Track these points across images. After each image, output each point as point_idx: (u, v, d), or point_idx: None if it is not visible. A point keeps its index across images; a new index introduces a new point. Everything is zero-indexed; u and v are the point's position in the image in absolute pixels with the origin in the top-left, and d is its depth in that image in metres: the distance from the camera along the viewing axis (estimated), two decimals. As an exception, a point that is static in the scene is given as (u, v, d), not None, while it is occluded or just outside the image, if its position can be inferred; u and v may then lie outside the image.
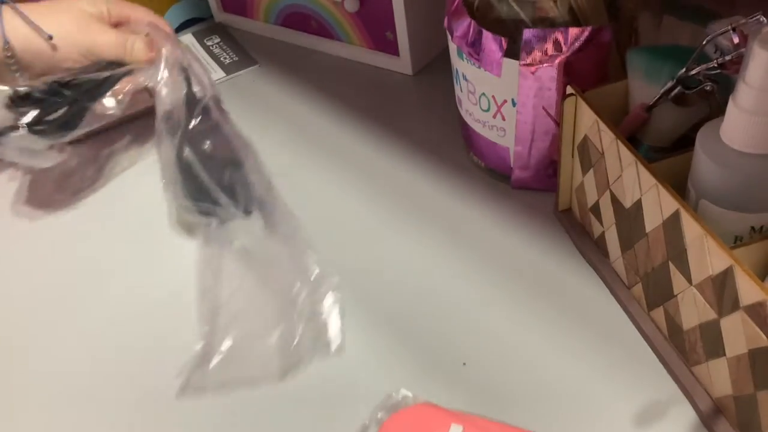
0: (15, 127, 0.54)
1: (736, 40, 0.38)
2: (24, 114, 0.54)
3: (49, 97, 0.55)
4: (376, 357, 0.45)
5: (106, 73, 0.56)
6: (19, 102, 0.54)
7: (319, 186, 0.58)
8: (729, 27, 0.37)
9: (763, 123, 0.34)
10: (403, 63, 0.68)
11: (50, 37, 0.54)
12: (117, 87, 0.57)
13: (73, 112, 0.56)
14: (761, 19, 0.36)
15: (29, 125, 0.53)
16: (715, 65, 0.40)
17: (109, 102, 0.57)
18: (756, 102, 0.33)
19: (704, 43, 0.39)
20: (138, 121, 0.65)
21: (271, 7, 0.74)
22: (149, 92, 0.55)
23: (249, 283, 0.48)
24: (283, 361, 0.45)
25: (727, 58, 0.39)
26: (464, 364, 0.44)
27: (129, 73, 0.57)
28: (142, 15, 0.61)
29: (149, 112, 0.55)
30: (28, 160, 0.56)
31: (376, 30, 0.67)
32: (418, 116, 0.63)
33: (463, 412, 0.41)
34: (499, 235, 0.52)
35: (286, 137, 0.63)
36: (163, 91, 0.53)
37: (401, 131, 0.61)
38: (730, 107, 0.35)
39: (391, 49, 0.67)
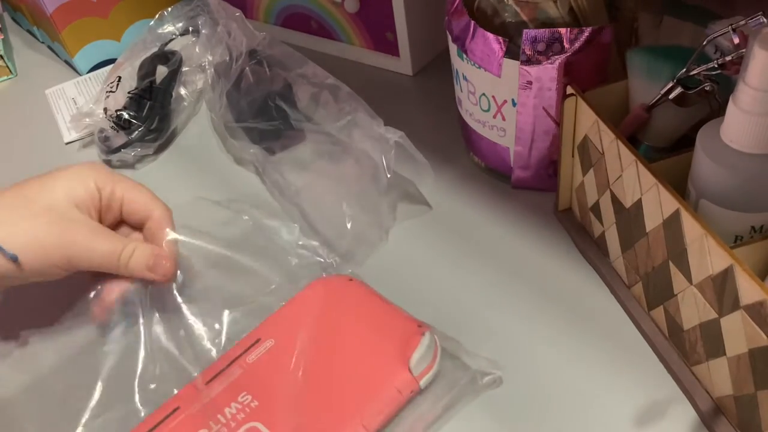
0: (128, 143, 0.61)
1: (736, 40, 0.38)
2: (131, 131, 0.61)
3: (138, 112, 0.62)
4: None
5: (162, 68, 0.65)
6: (121, 124, 0.61)
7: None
8: (729, 27, 0.37)
9: (763, 123, 0.34)
10: (403, 63, 0.68)
11: (14, 259, 0.41)
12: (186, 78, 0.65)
13: (161, 115, 0.63)
14: (761, 20, 0.36)
15: (138, 138, 0.61)
16: (716, 65, 0.40)
17: (182, 91, 0.66)
18: (756, 102, 0.33)
19: (704, 43, 0.39)
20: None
21: (271, 8, 0.74)
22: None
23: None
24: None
25: (728, 58, 0.39)
26: (464, 363, 0.44)
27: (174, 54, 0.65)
28: (161, 214, 0.46)
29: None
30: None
31: (376, 30, 0.67)
32: (418, 116, 0.63)
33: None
34: (499, 234, 0.52)
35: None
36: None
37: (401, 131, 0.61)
38: (730, 107, 0.35)
39: (391, 49, 0.67)
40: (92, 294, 0.44)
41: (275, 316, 0.44)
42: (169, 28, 0.67)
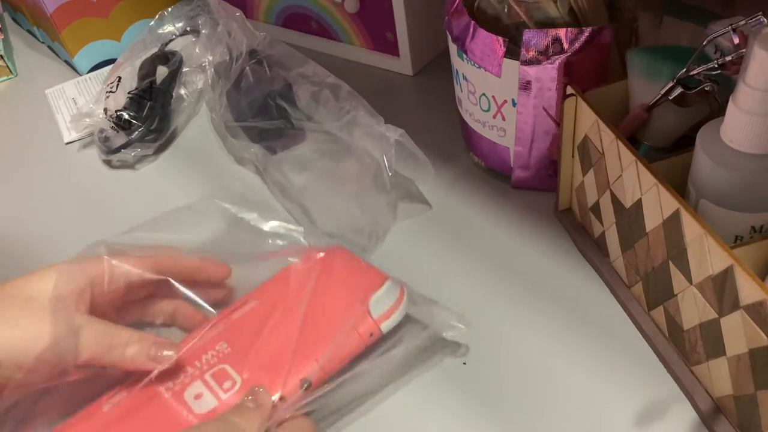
0: (128, 144, 0.61)
1: (736, 40, 0.38)
2: (132, 132, 0.61)
3: (139, 113, 0.62)
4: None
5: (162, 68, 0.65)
6: (121, 124, 0.62)
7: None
8: (729, 27, 0.37)
9: (763, 123, 0.34)
10: (403, 63, 0.68)
11: None
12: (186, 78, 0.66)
13: (161, 116, 0.63)
14: (761, 20, 0.36)
15: (138, 138, 0.62)
16: (716, 66, 0.40)
17: (183, 91, 0.66)
18: (756, 102, 0.33)
19: (704, 43, 0.39)
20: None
21: (271, 8, 0.74)
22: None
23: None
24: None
25: (728, 58, 0.39)
26: (464, 363, 0.44)
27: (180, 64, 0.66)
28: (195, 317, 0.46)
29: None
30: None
31: (376, 30, 0.67)
32: (418, 116, 0.63)
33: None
34: (499, 234, 0.52)
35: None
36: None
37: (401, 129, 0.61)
38: (730, 107, 0.35)
39: (391, 49, 0.67)
40: None
41: (265, 284, 0.46)
42: (169, 28, 0.67)
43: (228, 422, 0.37)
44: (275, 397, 0.39)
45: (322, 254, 0.46)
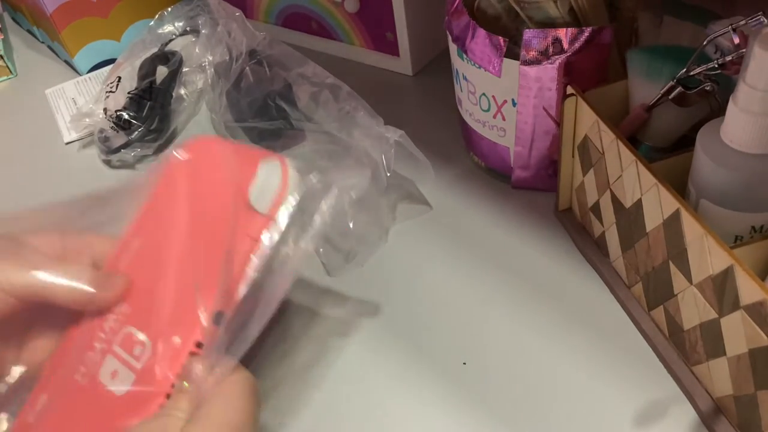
0: (128, 144, 0.61)
1: (736, 40, 0.38)
2: (131, 132, 0.61)
3: (139, 113, 0.62)
4: (374, 356, 0.45)
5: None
6: (121, 124, 0.61)
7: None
8: (729, 27, 0.37)
9: (763, 123, 0.34)
10: (403, 63, 0.68)
11: None
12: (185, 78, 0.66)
13: (161, 116, 0.63)
14: (761, 20, 0.36)
15: (138, 138, 0.62)
16: (716, 65, 0.40)
17: (182, 91, 0.66)
18: (756, 102, 0.33)
19: (704, 43, 0.39)
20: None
21: (271, 8, 0.74)
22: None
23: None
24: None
25: (728, 58, 0.39)
26: (464, 363, 0.44)
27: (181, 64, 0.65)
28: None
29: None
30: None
31: (376, 30, 0.67)
32: (418, 116, 0.63)
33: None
34: (499, 234, 0.52)
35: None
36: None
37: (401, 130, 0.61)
38: (731, 107, 0.35)
39: (391, 49, 0.67)
40: None
41: (138, 218, 0.39)
42: (169, 28, 0.67)
43: (173, 417, 0.32)
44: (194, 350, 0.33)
45: (183, 156, 0.38)
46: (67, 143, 0.67)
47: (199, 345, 0.34)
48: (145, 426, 0.33)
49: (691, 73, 0.40)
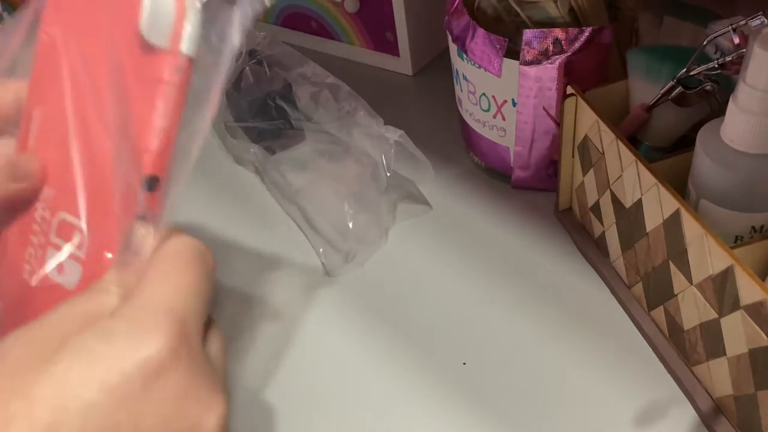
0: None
1: (736, 40, 0.38)
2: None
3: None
4: (375, 356, 0.45)
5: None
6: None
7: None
8: (729, 27, 0.37)
9: (763, 123, 0.34)
10: (403, 63, 0.68)
11: None
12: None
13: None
14: (761, 20, 0.36)
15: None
16: (716, 65, 0.40)
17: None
18: (756, 102, 0.33)
19: (704, 43, 0.39)
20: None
21: (271, 8, 0.74)
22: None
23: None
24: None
25: (728, 58, 0.39)
26: (464, 363, 0.44)
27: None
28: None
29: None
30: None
31: (376, 30, 0.67)
32: (418, 116, 0.63)
33: None
34: (499, 234, 0.52)
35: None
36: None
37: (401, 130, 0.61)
38: (731, 107, 0.35)
39: (391, 49, 0.67)
40: None
41: (31, 84, 0.33)
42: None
43: (107, 294, 0.28)
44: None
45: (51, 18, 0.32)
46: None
47: (143, 218, 0.29)
48: (72, 308, 0.27)
49: (691, 73, 0.40)
